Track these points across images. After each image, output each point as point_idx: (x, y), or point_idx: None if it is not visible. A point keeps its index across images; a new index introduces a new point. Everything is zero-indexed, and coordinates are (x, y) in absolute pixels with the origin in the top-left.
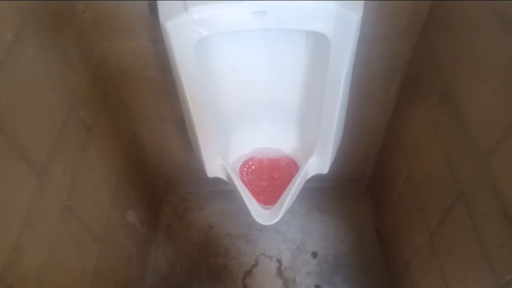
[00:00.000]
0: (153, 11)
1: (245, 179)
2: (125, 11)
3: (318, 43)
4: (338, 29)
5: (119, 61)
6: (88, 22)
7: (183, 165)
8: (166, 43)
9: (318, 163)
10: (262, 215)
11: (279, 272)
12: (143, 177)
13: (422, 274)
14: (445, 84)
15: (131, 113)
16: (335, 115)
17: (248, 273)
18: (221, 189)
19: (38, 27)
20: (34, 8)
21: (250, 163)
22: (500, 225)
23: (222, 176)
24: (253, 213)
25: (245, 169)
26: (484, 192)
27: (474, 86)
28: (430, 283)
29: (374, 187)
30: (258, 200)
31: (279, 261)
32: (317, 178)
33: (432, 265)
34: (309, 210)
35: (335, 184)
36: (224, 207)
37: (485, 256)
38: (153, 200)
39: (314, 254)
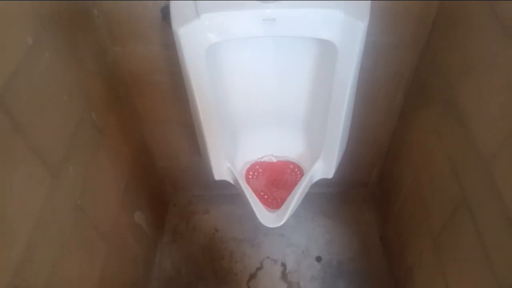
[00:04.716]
0: (166, 17)
1: (251, 183)
2: (139, 17)
3: (325, 50)
4: (345, 36)
5: (131, 65)
6: (102, 27)
7: (190, 168)
8: (177, 48)
9: (324, 167)
10: (267, 217)
11: (284, 275)
12: (150, 179)
13: (425, 280)
14: (449, 92)
15: (141, 116)
16: (341, 120)
17: (253, 276)
18: (227, 192)
19: (56, 31)
20: (52, 13)
21: (257, 167)
22: (502, 231)
23: (229, 179)
24: (258, 216)
25: (251, 172)
26: (486, 198)
27: (477, 93)
28: None
29: (379, 193)
30: (263, 203)
31: (283, 264)
32: (323, 183)
33: (435, 271)
34: (314, 215)
35: (340, 189)
36: (230, 210)
37: (487, 261)
38: (160, 202)
39: (319, 259)
